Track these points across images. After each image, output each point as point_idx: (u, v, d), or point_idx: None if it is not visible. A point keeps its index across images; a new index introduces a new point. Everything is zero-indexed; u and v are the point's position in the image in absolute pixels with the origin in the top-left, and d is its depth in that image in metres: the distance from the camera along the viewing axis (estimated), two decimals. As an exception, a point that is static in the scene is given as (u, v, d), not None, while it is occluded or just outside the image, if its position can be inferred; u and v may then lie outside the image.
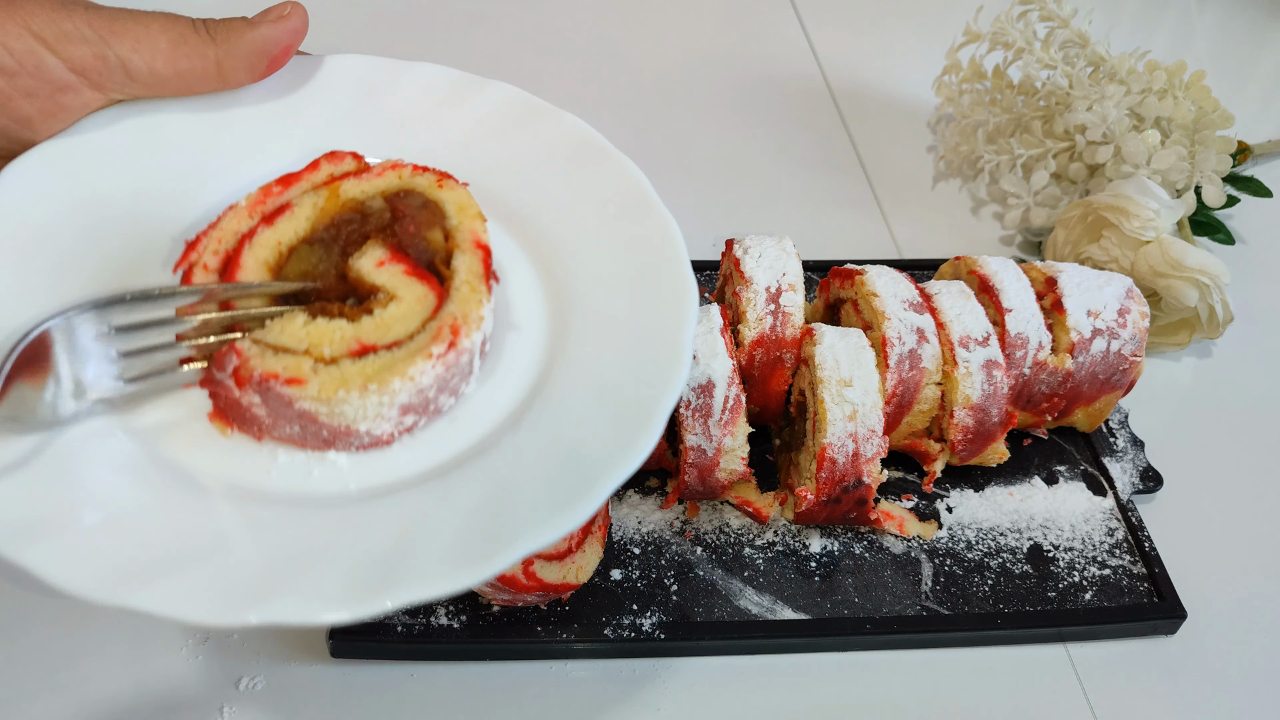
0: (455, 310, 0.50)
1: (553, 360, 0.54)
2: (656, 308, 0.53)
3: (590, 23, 1.26)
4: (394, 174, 0.55)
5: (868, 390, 0.64)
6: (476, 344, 0.50)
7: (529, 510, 0.45)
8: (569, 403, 0.51)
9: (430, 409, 0.50)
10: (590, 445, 0.48)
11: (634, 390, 0.50)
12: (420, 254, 0.53)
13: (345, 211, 0.54)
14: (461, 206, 0.54)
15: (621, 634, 0.63)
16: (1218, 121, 0.90)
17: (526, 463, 0.48)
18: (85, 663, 0.61)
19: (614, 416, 0.49)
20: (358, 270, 0.51)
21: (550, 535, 0.44)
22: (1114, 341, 0.70)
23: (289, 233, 0.53)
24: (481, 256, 0.52)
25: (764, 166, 1.06)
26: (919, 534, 0.69)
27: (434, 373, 0.48)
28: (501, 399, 0.52)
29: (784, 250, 0.71)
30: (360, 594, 0.42)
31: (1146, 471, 0.75)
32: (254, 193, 0.55)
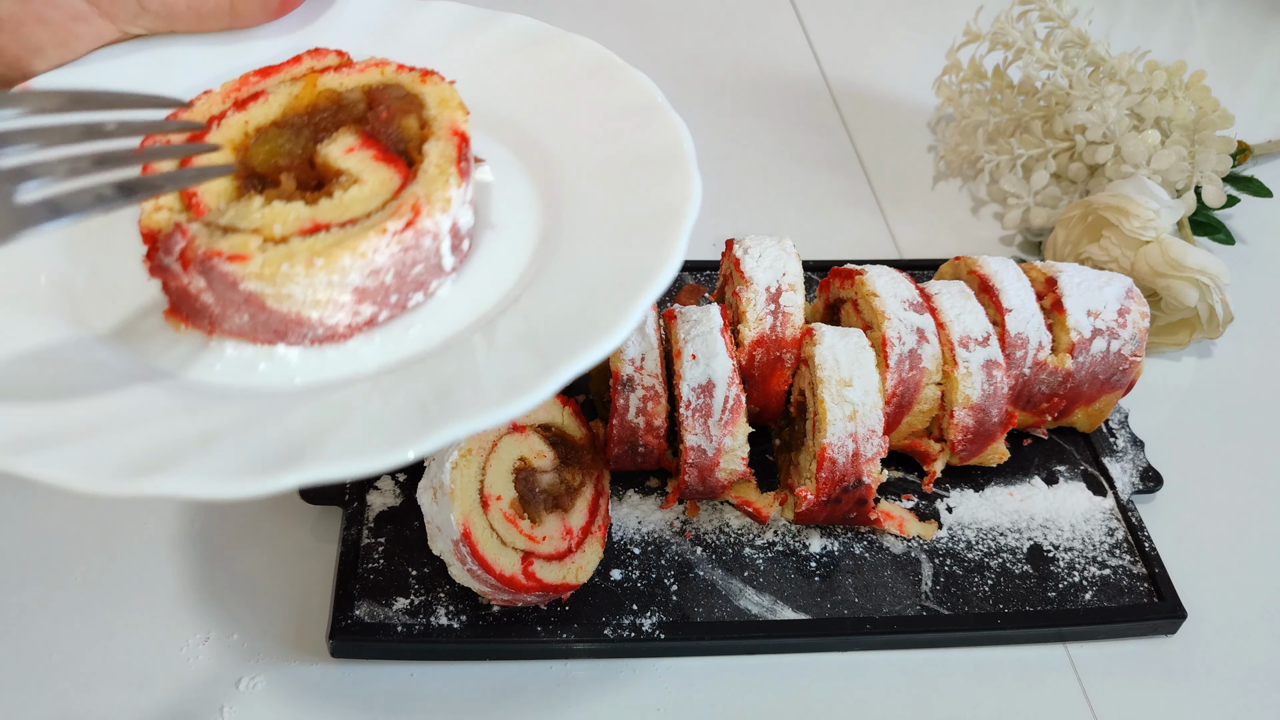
0: (419, 190, 0.47)
1: (539, 262, 0.51)
2: (654, 205, 0.51)
3: (590, 23, 1.26)
4: (376, 70, 0.53)
5: (868, 390, 0.64)
6: (443, 228, 0.47)
7: (472, 397, 0.42)
8: (546, 301, 0.48)
9: (391, 299, 0.47)
10: (555, 336, 0.45)
11: (615, 284, 0.47)
12: (393, 141, 0.50)
13: (321, 101, 0.52)
14: (443, 99, 0.51)
15: (621, 634, 0.63)
16: (1218, 121, 0.90)
17: (484, 357, 0.45)
18: (86, 663, 0.61)
19: (587, 309, 0.46)
20: (324, 156, 0.49)
21: (488, 421, 0.41)
22: (1114, 341, 0.70)
23: (259, 116, 0.51)
24: (456, 143, 0.49)
25: (764, 166, 1.06)
26: (919, 534, 0.69)
27: (389, 251, 0.45)
28: (475, 299, 0.49)
29: (784, 250, 0.71)
30: (261, 471, 0.39)
31: (1146, 471, 0.75)
32: (230, 80, 0.54)
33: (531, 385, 0.42)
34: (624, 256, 0.49)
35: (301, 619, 0.64)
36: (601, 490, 0.68)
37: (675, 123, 0.55)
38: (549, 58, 0.60)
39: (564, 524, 0.63)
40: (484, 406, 0.41)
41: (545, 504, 0.63)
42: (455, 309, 0.49)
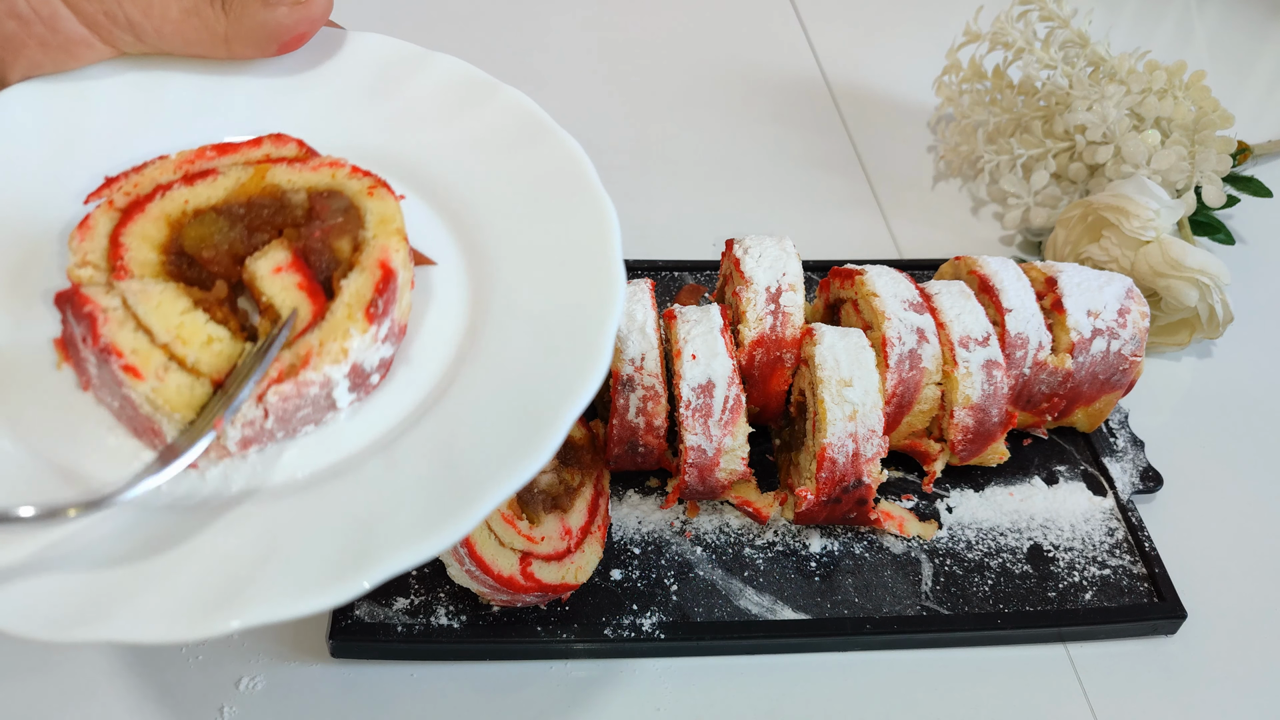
0: (314, 340, 0.46)
1: (453, 377, 0.50)
2: (579, 303, 0.50)
3: (590, 23, 1.26)
4: (329, 171, 0.53)
5: (868, 390, 0.64)
6: (335, 376, 0.46)
7: (397, 531, 0.42)
8: (462, 412, 0.47)
9: (275, 437, 0.47)
10: (475, 455, 0.44)
11: (540, 393, 0.46)
12: (321, 263, 0.50)
13: (264, 195, 0.52)
14: (384, 219, 0.50)
15: (621, 634, 0.63)
16: (1218, 121, 0.90)
17: (398, 480, 0.45)
18: (86, 663, 0.61)
19: (511, 423, 0.45)
20: (252, 271, 0.49)
21: (399, 567, 0.41)
22: (1114, 341, 0.70)
23: (201, 197, 0.51)
24: (377, 280, 0.48)
25: (764, 166, 1.06)
26: (919, 534, 0.69)
27: (265, 404, 0.45)
28: (368, 427, 0.48)
29: (784, 250, 0.71)
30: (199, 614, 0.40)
31: (1146, 471, 0.75)
32: (187, 150, 0.54)
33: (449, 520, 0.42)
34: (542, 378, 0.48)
35: (301, 619, 0.64)
36: (601, 490, 0.68)
37: (601, 202, 0.53)
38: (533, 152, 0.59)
39: (563, 524, 0.63)
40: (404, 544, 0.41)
41: (544, 504, 0.63)
42: (344, 439, 0.48)
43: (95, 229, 0.50)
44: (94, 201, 0.52)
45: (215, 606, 0.40)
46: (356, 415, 0.49)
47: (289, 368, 0.45)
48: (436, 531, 0.42)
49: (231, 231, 0.50)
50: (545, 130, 0.59)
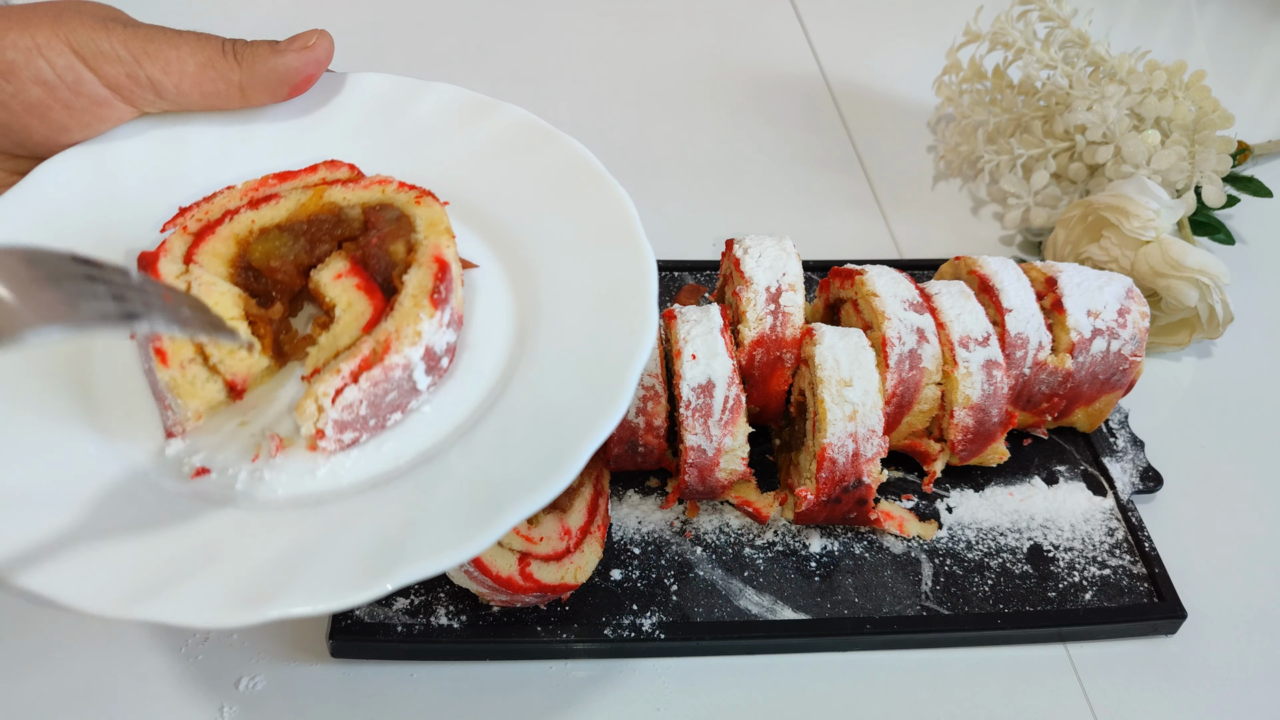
0: (390, 326, 0.51)
1: (505, 384, 0.54)
2: (611, 339, 0.54)
3: (590, 23, 1.26)
4: (379, 188, 0.58)
5: (868, 390, 0.64)
6: (414, 358, 0.51)
7: (424, 541, 0.46)
8: (505, 430, 0.52)
9: (369, 426, 0.52)
10: (507, 478, 0.49)
11: (566, 421, 0.50)
12: (380, 266, 0.55)
13: (323, 212, 0.57)
14: (432, 222, 0.55)
15: (621, 634, 0.63)
16: (1218, 121, 0.90)
17: (438, 494, 0.49)
18: (86, 663, 0.61)
19: (540, 449, 0.50)
20: (316, 281, 0.54)
21: (445, 563, 0.45)
22: (1114, 341, 0.70)
23: (266, 218, 0.57)
24: (435, 271, 0.53)
25: (764, 166, 1.06)
26: (919, 534, 0.69)
27: (357, 390, 0.50)
28: (449, 415, 0.53)
29: (784, 250, 0.71)
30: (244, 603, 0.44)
31: (1146, 471, 0.75)
32: (252, 180, 0.59)
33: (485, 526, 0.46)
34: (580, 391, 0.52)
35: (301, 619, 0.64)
36: (601, 490, 0.68)
37: (642, 249, 0.58)
38: (538, 158, 0.64)
39: (562, 524, 0.63)
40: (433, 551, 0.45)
41: None
42: (430, 426, 0.53)
43: (171, 252, 0.55)
44: (170, 229, 0.57)
45: (254, 601, 0.44)
46: (434, 400, 0.54)
47: (372, 353, 0.50)
48: (462, 544, 0.45)
49: (295, 245, 0.56)
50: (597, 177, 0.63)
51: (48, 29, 0.55)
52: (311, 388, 0.49)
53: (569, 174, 0.62)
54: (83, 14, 0.56)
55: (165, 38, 0.57)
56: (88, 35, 0.55)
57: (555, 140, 0.63)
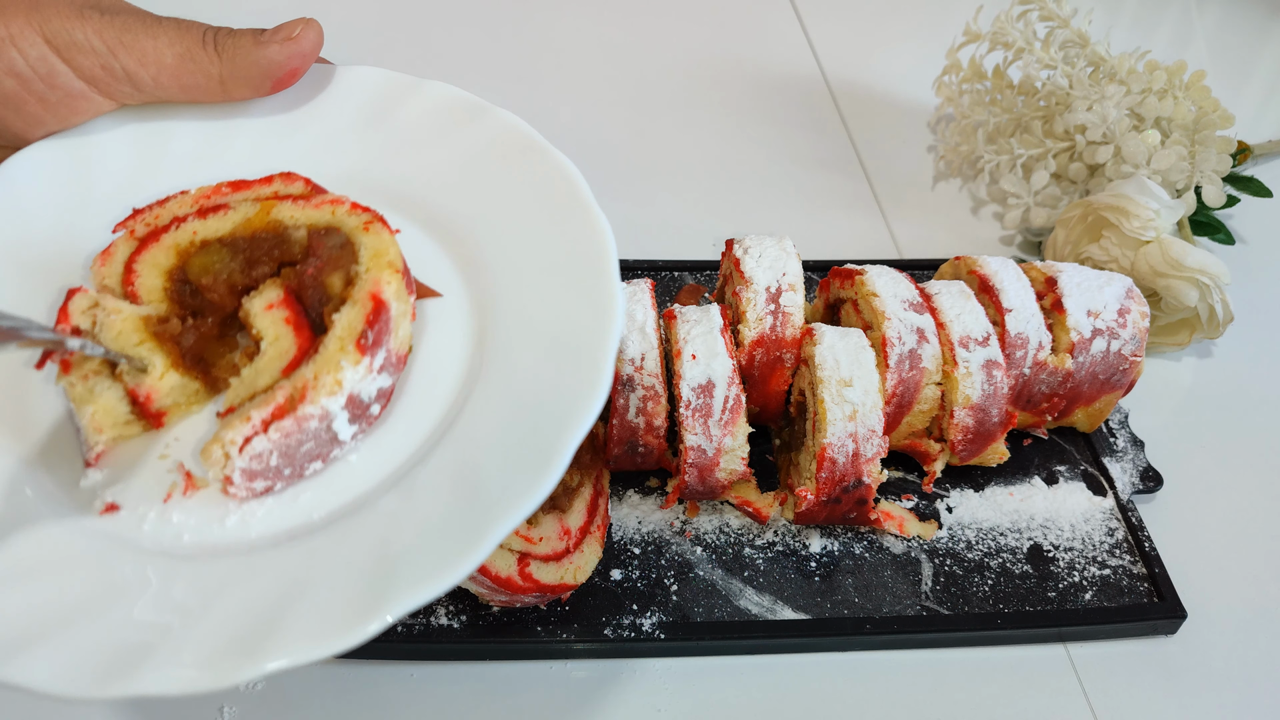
0: (309, 373, 0.47)
1: (460, 407, 0.51)
2: (579, 324, 0.51)
3: (590, 23, 1.26)
4: (329, 208, 0.54)
5: (868, 390, 0.64)
6: (333, 408, 0.48)
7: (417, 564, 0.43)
8: (468, 442, 0.49)
9: (283, 474, 0.48)
10: (485, 484, 0.46)
11: (545, 417, 0.47)
12: (315, 298, 0.51)
13: (267, 230, 0.54)
14: (376, 253, 0.51)
15: (621, 634, 0.63)
16: (1218, 121, 0.90)
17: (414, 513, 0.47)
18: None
19: (518, 449, 0.47)
20: (247, 309, 0.51)
21: (420, 599, 0.42)
22: (1114, 341, 0.70)
23: (210, 230, 0.54)
24: (368, 311, 0.49)
25: (764, 166, 1.06)
26: (919, 534, 0.69)
27: (266, 440, 0.47)
28: (379, 464, 0.50)
29: (784, 250, 0.71)
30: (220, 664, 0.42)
31: (1146, 471, 0.75)
32: (206, 186, 0.57)
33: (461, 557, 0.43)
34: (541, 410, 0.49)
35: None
36: (601, 490, 0.68)
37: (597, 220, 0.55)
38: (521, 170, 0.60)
39: (561, 524, 0.63)
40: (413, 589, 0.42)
41: (542, 505, 0.63)
42: (354, 477, 0.50)
43: (115, 255, 0.54)
44: (120, 231, 0.55)
45: (243, 654, 0.41)
46: (362, 448, 0.50)
47: (287, 401, 0.47)
48: (454, 563, 0.43)
49: (232, 263, 0.53)
50: (538, 150, 0.60)
51: (21, 18, 0.52)
52: (219, 433, 0.47)
53: (553, 194, 0.58)
54: (60, 1, 0.53)
55: (143, 26, 0.54)
56: (62, 24, 0.52)
57: (543, 153, 0.60)
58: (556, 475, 0.45)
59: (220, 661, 0.42)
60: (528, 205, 0.58)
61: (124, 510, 0.49)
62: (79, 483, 0.49)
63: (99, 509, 0.49)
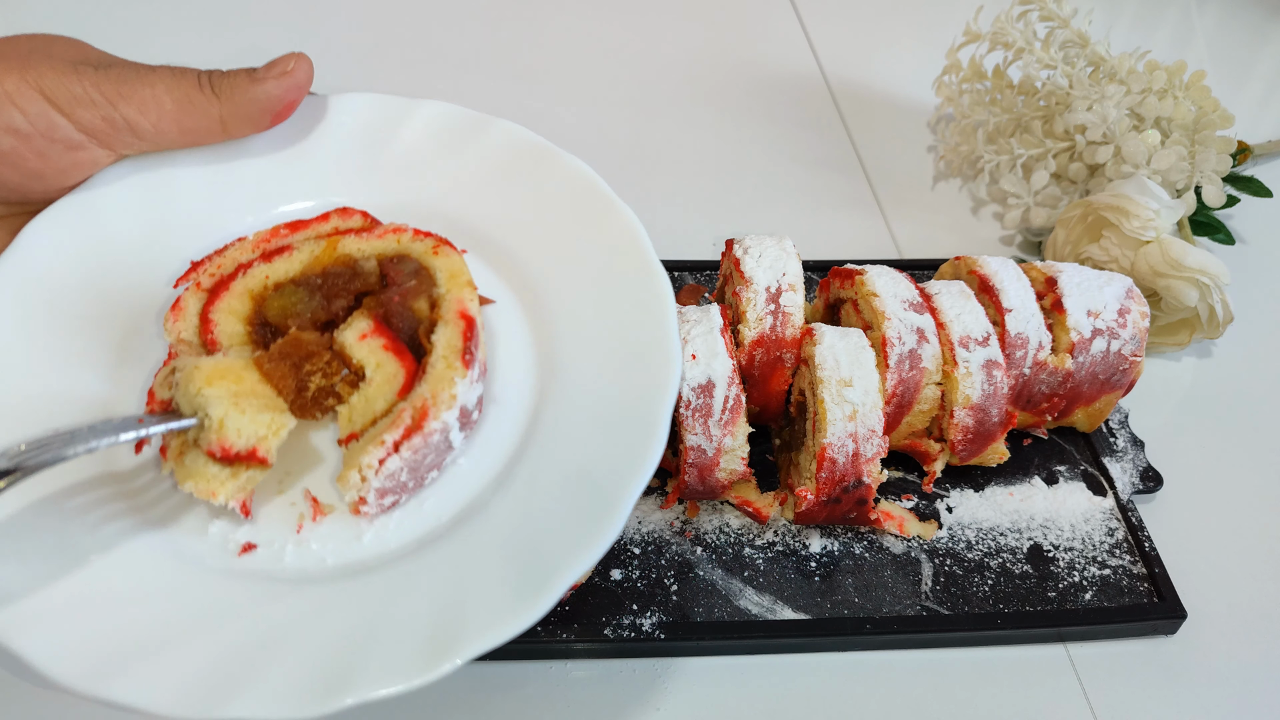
0: (426, 391, 0.51)
1: (532, 432, 0.55)
2: (639, 383, 0.54)
3: (590, 23, 1.26)
4: (394, 237, 0.57)
5: (868, 390, 0.64)
6: (450, 420, 0.51)
7: (483, 612, 0.46)
8: (541, 491, 0.52)
9: (409, 489, 0.52)
10: (550, 536, 0.49)
11: (605, 472, 0.50)
12: (404, 323, 0.54)
13: (338, 265, 0.56)
14: (453, 274, 0.55)
15: (621, 634, 0.63)
16: (1218, 121, 0.90)
17: (484, 559, 0.49)
18: (85, 663, 0.61)
19: (581, 503, 0.50)
20: (341, 342, 0.53)
21: (508, 633, 0.45)
22: (1114, 341, 0.70)
23: (280, 272, 0.56)
24: (463, 329, 0.52)
25: (764, 166, 1.06)
26: (919, 534, 0.69)
27: (399, 459, 0.50)
28: (486, 466, 0.54)
29: (784, 250, 0.71)
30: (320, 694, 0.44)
31: (1146, 471, 0.75)
32: (263, 230, 0.59)
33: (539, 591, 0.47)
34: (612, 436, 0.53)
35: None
36: (601, 490, 0.68)
37: (658, 275, 0.58)
38: (540, 178, 0.63)
39: None
40: (494, 621, 0.46)
41: None
42: (467, 479, 0.54)
43: (186, 309, 0.55)
44: (183, 285, 0.57)
45: (438, 651, 0.45)
46: (469, 451, 0.55)
47: (412, 422, 0.50)
48: (521, 612, 0.46)
49: (311, 300, 0.55)
50: (547, 154, 0.62)
51: (16, 75, 0.52)
52: (355, 458, 0.49)
53: (573, 194, 0.61)
54: (52, 58, 0.54)
55: (139, 76, 0.55)
56: (58, 80, 0.53)
57: (555, 158, 0.62)
58: (617, 528, 0.48)
59: (419, 659, 0.45)
60: (553, 209, 0.61)
61: (261, 548, 0.51)
62: (207, 530, 0.52)
63: (236, 551, 0.51)
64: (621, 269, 0.58)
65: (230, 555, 0.51)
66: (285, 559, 0.51)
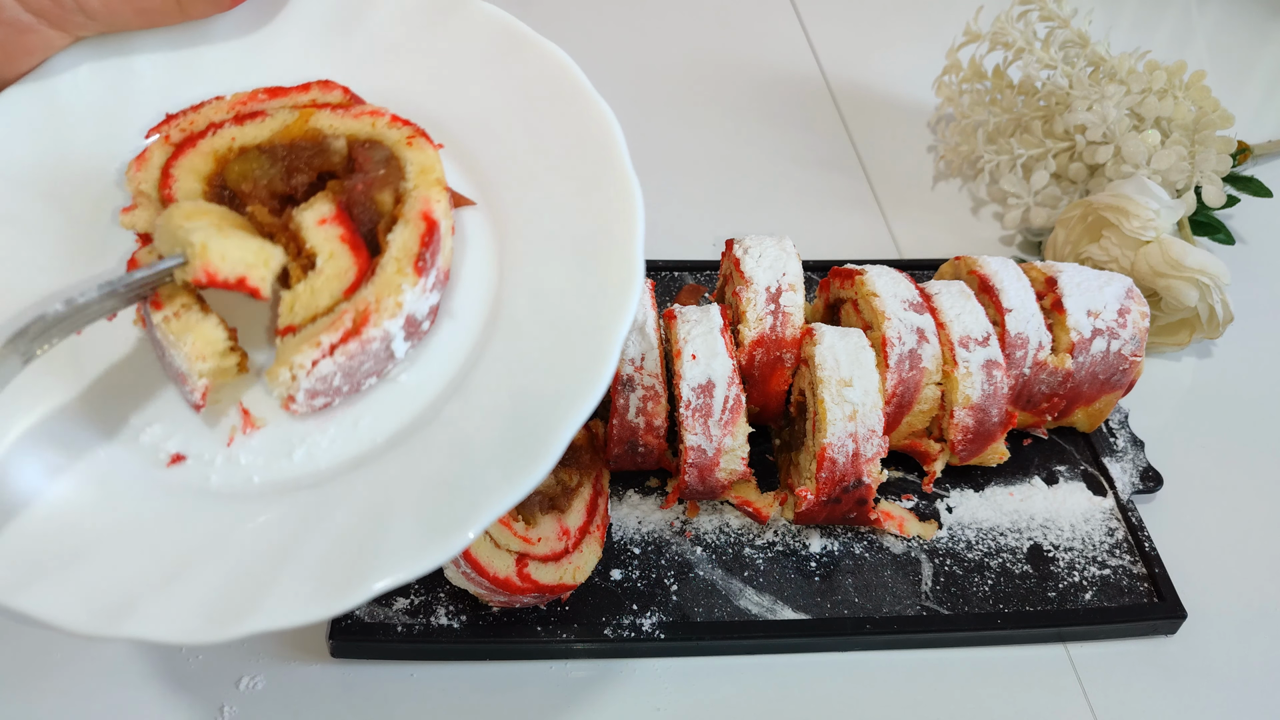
0: (370, 295, 0.48)
1: (480, 356, 0.51)
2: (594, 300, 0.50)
3: (590, 23, 1.26)
4: (369, 120, 0.53)
5: (868, 390, 0.64)
6: (393, 329, 0.48)
7: (391, 549, 0.44)
8: (480, 414, 0.49)
9: (343, 393, 0.49)
10: (481, 470, 0.46)
11: (544, 403, 0.47)
12: (365, 215, 0.50)
13: (306, 138, 0.53)
14: (424, 169, 0.51)
15: (621, 634, 0.63)
16: (1218, 121, 0.90)
17: (403, 490, 0.47)
18: (86, 662, 0.61)
19: (516, 435, 0.47)
20: (299, 222, 0.50)
21: (412, 573, 0.43)
22: (1114, 341, 0.70)
23: (248, 136, 0.53)
24: (422, 231, 0.49)
25: (764, 166, 1.06)
26: (919, 534, 0.69)
27: (332, 362, 0.47)
28: (426, 383, 0.50)
29: (784, 250, 0.71)
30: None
31: (1146, 471, 0.74)
32: (241, 93, 0.56)
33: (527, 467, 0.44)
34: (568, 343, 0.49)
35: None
36: (600, 490, 0.68)
37: (629, 183, 0.56)
38: (514, 69, 0.58)
39: (560, 525, 0.63)
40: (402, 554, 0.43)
41: (541, 505, 0.63)
42: (406, 397, 0.50)
43: (150, 161, 0.53)
44: (153, 136, 0.54)
45: (348, 582, 0.42)
46: (413, 366, 0.51)
47: (352, 326, 0.47)
48: (529, 466, 0.44)
49: (272, 169, 0.52)
50: (528, 43, 0.58)
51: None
52: (287, 354, 0.47)
53: (548, 88, 0.57)
54: None
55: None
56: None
57: (533, 47, 0.58)
58: (545, 468, 0.45)
59: (327, 590, 0.42)
60: (520, 101, 0.57)
61: (190, 459, 0.49)
62: (138, 439, 0.49)
63: (165, 461, 0.49)
64: (591, 173, 0.55)
65: (159, 467, 0.49)
66: (212, 475, 0.48)
